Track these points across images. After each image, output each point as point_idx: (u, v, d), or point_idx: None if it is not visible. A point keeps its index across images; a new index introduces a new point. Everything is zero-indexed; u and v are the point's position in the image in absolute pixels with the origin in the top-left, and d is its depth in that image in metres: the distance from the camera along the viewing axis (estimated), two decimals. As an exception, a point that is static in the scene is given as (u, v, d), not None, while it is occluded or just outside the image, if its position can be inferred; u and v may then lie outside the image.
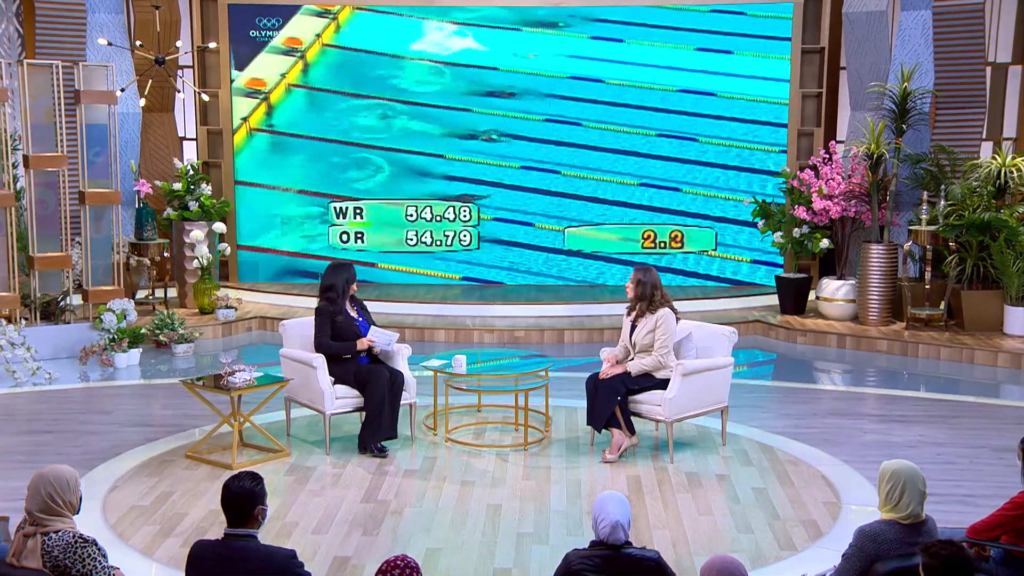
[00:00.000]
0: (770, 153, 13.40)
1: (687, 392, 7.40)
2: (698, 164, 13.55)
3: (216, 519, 6.22)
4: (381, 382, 7.50)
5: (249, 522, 4.20)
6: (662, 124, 13.51)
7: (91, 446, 7.78)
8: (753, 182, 13.45)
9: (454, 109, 13.58)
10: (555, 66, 13.54)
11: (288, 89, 13.53)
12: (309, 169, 13.65)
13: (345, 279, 7.73)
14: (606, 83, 13.52)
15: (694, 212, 13.60)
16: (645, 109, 13.53)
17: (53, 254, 10.78)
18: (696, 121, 13.49)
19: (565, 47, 13.51)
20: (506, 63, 13.55)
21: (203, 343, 11.52)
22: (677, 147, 13.53)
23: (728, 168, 13.52)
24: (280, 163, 13.64)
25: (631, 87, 13.52)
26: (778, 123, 13.37)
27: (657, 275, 7.59)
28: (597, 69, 13.53)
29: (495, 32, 13.51)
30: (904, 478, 4.39)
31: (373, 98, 13.56)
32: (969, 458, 7.63)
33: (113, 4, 12.84)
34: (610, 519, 4.19)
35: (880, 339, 11.39)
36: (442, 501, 6.68)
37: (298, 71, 13.52)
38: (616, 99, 13.54)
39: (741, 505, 6.63)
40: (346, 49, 13.52)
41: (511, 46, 13.50)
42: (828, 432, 8.26)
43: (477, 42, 13.52)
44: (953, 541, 3.84)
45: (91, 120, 10.97)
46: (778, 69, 13.31)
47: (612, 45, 13.49)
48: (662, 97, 13.48)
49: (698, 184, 13.56)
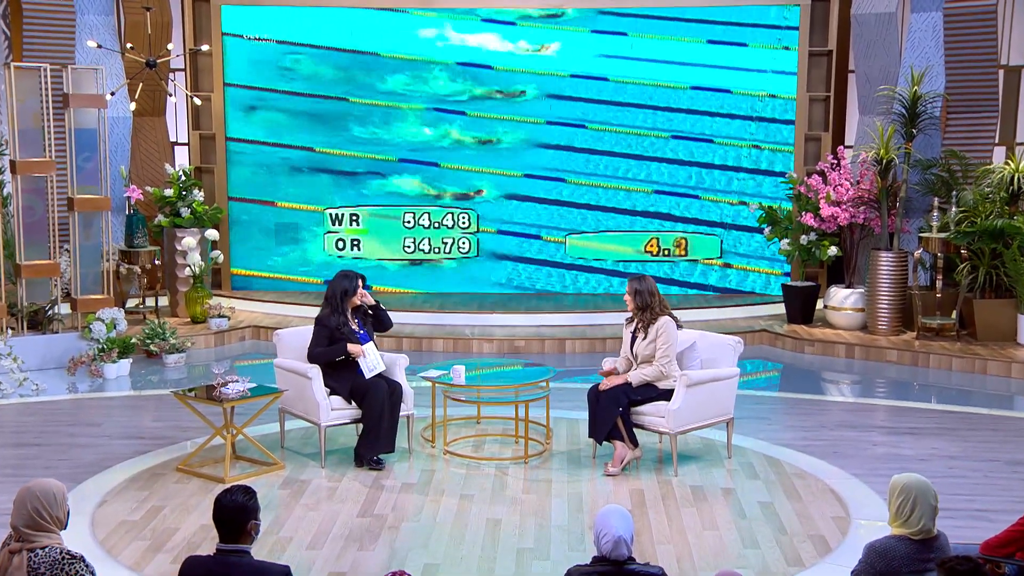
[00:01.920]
0: (790, 154, 13.45)
1: (691, 403, 7.40)
2: (713, 167, 13.59)
3: (208, 534, 6.21)
4: (380, 394, 7.49)
5: (242, 537, 4.19)
6: (674, 125, 13.53)
7: (79, 459, 7.78)
8: (765, 184, 13.50)
9: (450, 112, 13.61)
10: (558, 64, 13.57)
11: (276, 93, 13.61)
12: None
13: (344, 289, 7.71)
14: (611, 81, 13.53)
15: (710, 220, 13.64)
16: (654, 109, 13.54)
17: (41, 262, 10.78)
18: (710, 121, 13.51)
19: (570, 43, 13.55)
20: (501, 61, 13.58)
21: (195, 353, 11.52)
22: (691, 149, 13.57)
23: (749, 171, 13.55)
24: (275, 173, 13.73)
25: (637, 85, 13.52)
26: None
27: (653, 282, 7.59)
28: (601, 67, 13.55)
29: (492, 27, 13.55)
30: (915, 492, 4.39)
31: (364, 103, 13.62)
32: (982, 472, 7.63)
33: (103, 5, 12.86)
34: (613, 534, 4.19)
35: (890, 349, 11.38)
36: (440, 515, 6.67)
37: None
38: (620, 99, 13.55)
39: (747, 520, 6.62)
40: (335, 51, 13.56)
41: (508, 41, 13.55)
42: (837, 445, 8.25)
43: (472, 39, 13.54)
44: (970, 557, 3.83)
45: (80, 124, 10.99)
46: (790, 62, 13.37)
47: (616, 39, 13.52)
48: (671, 96, 13.50)
49: (715, 190, 13.57)
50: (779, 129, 13.45)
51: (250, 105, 13.59)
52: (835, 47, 13.32)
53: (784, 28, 13.29)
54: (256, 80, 13.58)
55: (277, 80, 13.57)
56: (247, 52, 13.53)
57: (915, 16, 12.46)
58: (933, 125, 12.29)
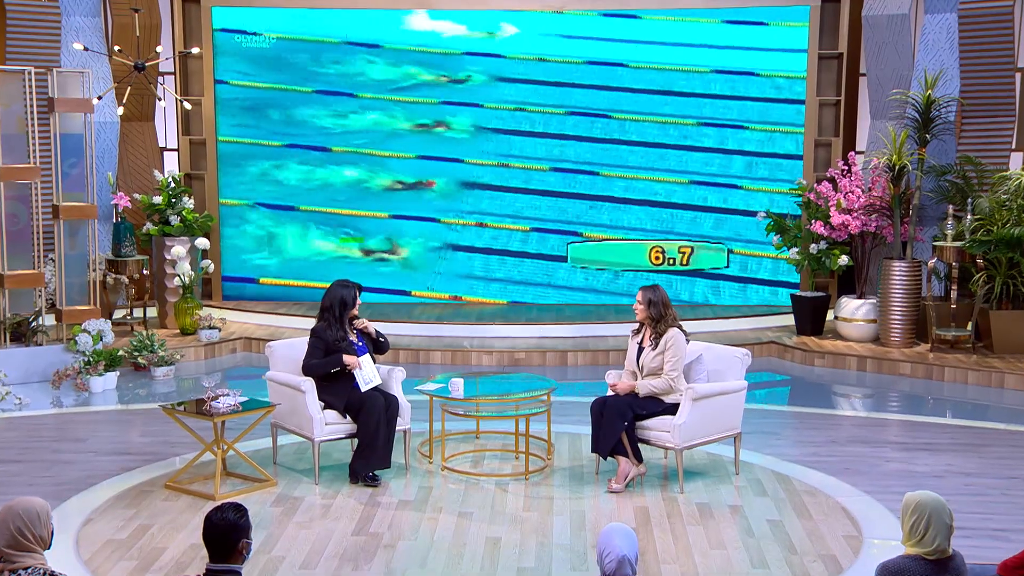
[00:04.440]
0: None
1: (698, 418, 7.40)
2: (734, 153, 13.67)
3: (197, 554, 6.21)
4: (376, 408, 7.49)
5: (233, 557, 4.19)
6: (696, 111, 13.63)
7: (64, 476, 7.77)
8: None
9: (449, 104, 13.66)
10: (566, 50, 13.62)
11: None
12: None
13: (342, 298, 7.72)
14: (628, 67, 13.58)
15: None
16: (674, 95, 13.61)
17: (24, 272, 10.79)
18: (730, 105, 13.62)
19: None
20: (512, 49, 13.62)
21: (184, 366, 11.52)
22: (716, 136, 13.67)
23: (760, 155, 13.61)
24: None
25: (652, 70, 13.58)
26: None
27: (665, 293, 7.60)
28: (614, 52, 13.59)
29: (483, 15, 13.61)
30: (929, 510, 4.38)
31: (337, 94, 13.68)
32: (999, 489, 7.62)
33: (89, 7, 12.90)
34: (616, 553, 4.18)
35: (903, 362, 11.38)
36: (438, 534, 6.67)
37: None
38: (637, 85, 13.62)
39: (756, 538, 6.62)
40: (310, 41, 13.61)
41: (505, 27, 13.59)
42: (848, 461, 8.25)
43: (464, 27, 13.59)
44: (988, 578, 3.83)
45: (66, 130, 11.01)
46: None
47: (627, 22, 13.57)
48: (690, 80, 13.57)
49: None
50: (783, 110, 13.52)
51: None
52: (846, 50, 13.36)
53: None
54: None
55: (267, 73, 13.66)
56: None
57: (929, 17, 12.49)
58: (947, 130, 12.32)
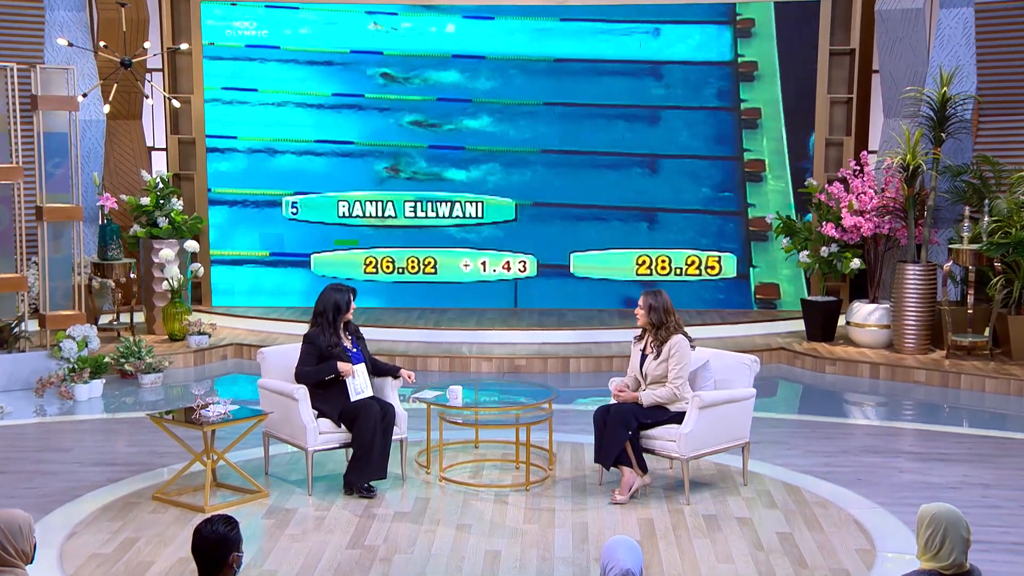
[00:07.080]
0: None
1: (704, 427, 7.40)
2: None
3: (186, 568, 6.20)
4: (372, 417, 7.49)
5: (223, 571, 4.19)
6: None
7: (47, 487, 7.77)
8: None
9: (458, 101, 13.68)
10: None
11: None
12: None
13: (336, 303, 7.72)
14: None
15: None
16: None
17: (7, 275, 10.79)
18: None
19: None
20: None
21: (173, 373, 11.53)
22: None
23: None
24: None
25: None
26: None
27: (668, 298, 7.60)
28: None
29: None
30: (945, 523, 4.38)
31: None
32: (1018, 501, 7.62)
33: (74, 1, 12.90)
34: (620, 567, 4.18)
35: (918, 369, 11.38)
36: (436, 547, 6.67)
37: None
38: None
39: (765, 552, 6.62)
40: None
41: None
42: (861, 471, 8.25)
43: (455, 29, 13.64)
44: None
45: (49, 128, 11.02)
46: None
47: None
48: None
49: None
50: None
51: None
52: (858, 45, 13.36)
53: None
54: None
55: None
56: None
57: (944, 12, 12.50)
58: (964, 129, 12.32)
